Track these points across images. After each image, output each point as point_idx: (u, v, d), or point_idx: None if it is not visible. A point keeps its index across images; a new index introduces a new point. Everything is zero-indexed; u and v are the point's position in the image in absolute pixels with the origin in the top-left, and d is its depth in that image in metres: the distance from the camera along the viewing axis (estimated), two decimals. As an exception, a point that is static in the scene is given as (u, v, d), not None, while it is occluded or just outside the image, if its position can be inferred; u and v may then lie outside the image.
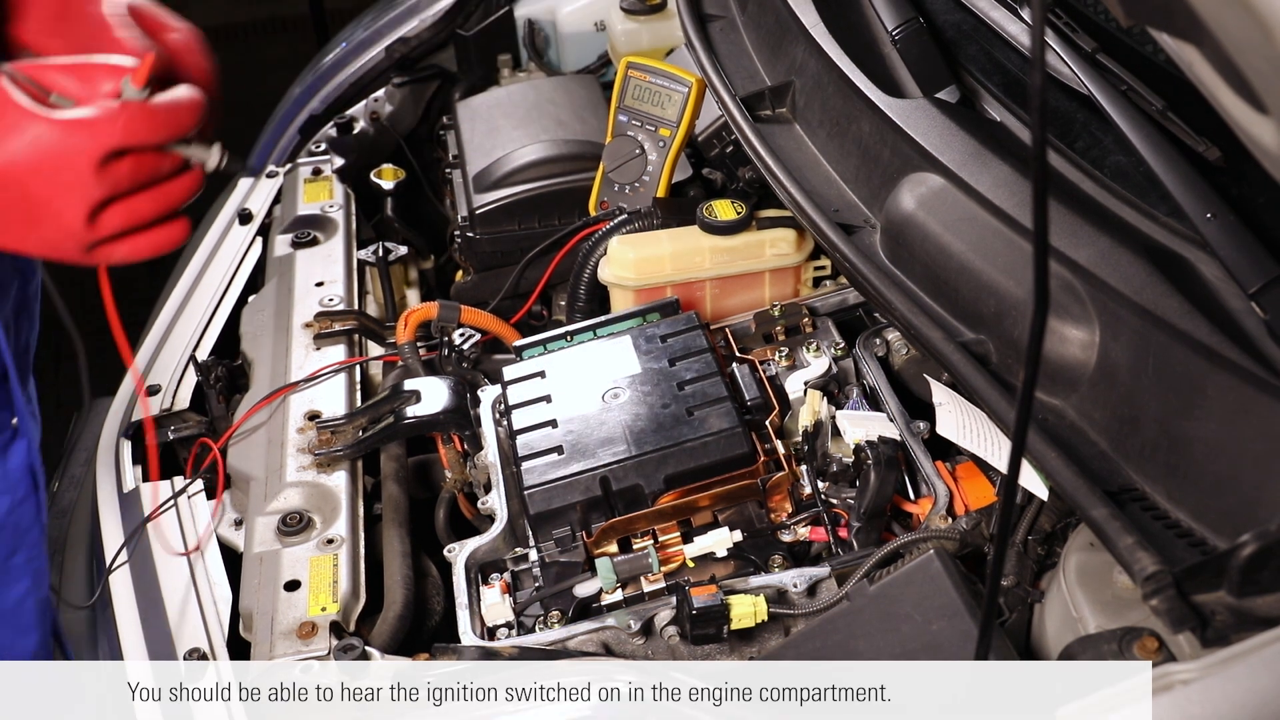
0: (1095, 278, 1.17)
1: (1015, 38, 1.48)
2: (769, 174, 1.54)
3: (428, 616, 1.38)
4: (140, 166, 1.05)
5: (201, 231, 2.04)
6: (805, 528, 1.37)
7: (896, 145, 1.44)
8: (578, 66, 2.40)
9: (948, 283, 1.33)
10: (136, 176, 1.05)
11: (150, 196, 1.07)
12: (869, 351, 1.55)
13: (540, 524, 1.34)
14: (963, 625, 1.12)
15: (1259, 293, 1.06)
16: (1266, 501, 1.01)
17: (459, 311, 1.69)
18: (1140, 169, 1.23)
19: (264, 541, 1.40)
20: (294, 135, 2.25)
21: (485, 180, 1.91)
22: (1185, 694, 0.83)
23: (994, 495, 1.33)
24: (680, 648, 1.25)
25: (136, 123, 1.02)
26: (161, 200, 1.08)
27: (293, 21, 4.88)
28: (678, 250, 1.67)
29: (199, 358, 1.73)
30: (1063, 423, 1.20)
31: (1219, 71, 0.86)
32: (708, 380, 1.43)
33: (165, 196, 1.08)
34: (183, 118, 1.05)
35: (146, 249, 1.10)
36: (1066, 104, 1.37)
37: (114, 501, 1.53)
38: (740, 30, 1.86)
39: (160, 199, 1.08)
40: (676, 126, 1.78)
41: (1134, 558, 0.99)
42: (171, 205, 1.09)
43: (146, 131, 1.03)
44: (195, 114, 1.06)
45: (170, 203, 1.09)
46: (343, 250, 1.91)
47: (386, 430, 1.53)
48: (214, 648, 1.30)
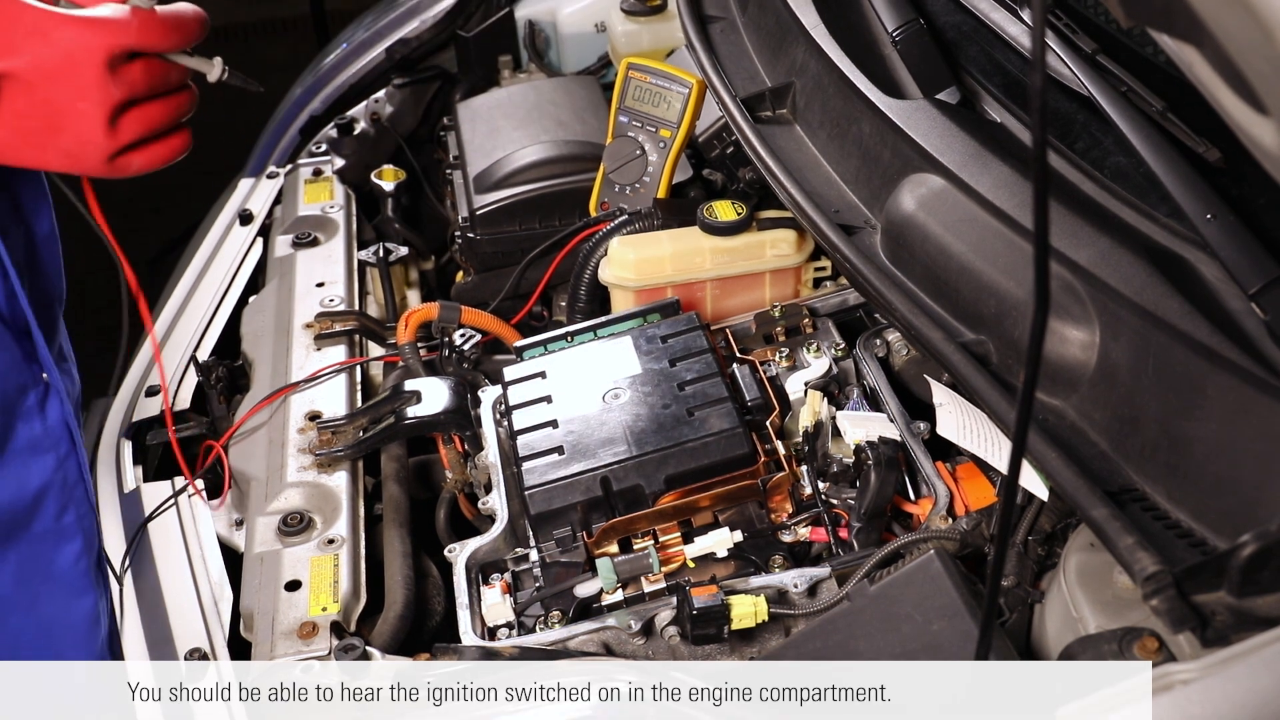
0: (1095, 278, 1.17)
1: (1016, 39, 1.48)
2: (769, 175, 1.54)
3: (428, 617, 1.38)
4: (152, 71, 1.11)
5: (202, 232, 2.05)
6: (806, 528, 1.37)
7: (897, 146, 1.44)
8: (578, 67, 2.40)
9: (948, 283, 1.33)
10: (151, 81, 1.11)
11: (163, 104, 1.14)
12: (869, 352, 1.55)
13: (541, 524, 1.34)
14: (963, 625, 1.12)
15: (1259, 293, 1.06)
16: (1266, 502, 1.01)
17: (459, 312, 1.69)
18: (1140, 170, 1.23)
19: (265, 541, 1.40)
20: (295, 136, 2.26)
21: (486, 181, 1.91)
22: (1185, 694, 0.83)
23: (994, 496, 1.33)
24: (681, 648, 1.25)
25: (149, 26, 1.09)
26: (173, 108, 1.15)
27: (293, 22, 4.88)
28: (678, 251, 1.67)
29: (200, 358, 1.73)
30: (1063, 423, 1.20)
31: (1219, 72, 0.86)
32: (708, 381, 1.43)
33: (176, 104, 1.15)
34: (189, 26, 1.12)
35: (162, 156, 1.16)
36: (1067, 105, 1.37)
37: (115, 502, 1.53)
38: (741, 31, 1.86)
39: (171, 107, 1.15)
40: (677, 127, 1.78)
41: (1134, 558, 0.99)
42: (180, 114, 1.16)
43: (158, 35, 1.09)
44: (199, 25, 1.13)
45: (179, 111, 1.16)
46: (343, 251, 1.91)
47: (387, 431, 1.53)
48: (215, 648, 1.30)
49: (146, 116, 1.12)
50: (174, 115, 1.15)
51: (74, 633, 1.30)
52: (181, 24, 1.11)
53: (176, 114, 1.15)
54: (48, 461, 1.25)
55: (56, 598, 1.29)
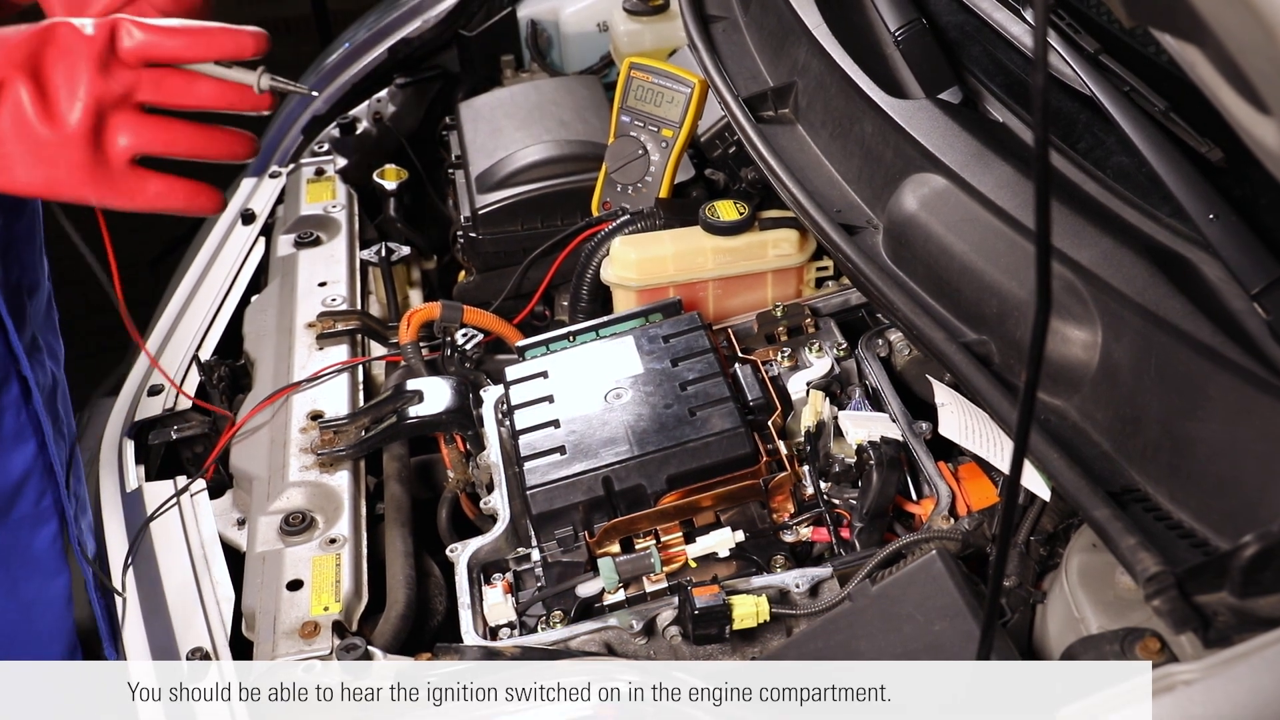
0: (1097, 278, 1.16)
1: (1018, 39, 1.48)
2: (771, 175, 1.54)
3: (430, 616, 1.38)
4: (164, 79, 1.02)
5: (204, 232, 2.05)
6: (807, 528, 1.37)
7: (899, 146, 1.44)
8: (580, 67, 2.40)
9: (950, 283, 1.33)
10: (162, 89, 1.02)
11: (182, 126, 1.05)
12: (871, 352, 1.55)
13: (543, 524, 1.34)
14: (965, 626, 1.12)
15: (1261, 293, 1.06)
16: (1269, 502, 1.01)
17: (462, 311, 1.69)
18: (1143, 170, 1.23)
19: (266, 541, 1.40)
20: (297, 135, 2.26)
21: (488, 181, 1.91)
22: (1187, 694, 0.83)
23: (996, 496, 1.33)
24: (682, 648, 1.25)
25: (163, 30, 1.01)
26: (195, 134, 1.05)
27: (295, 22, 4.88)
28: (680, 251, 1.67)
29: (202, 358, 1.73)
30: (1065, 423, 1.20)
31: (1221, 72, 0.86)
32: (710, 380, 1.43)
33: (199, 131, 1.06)
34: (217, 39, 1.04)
35: (183, 193, 1.06)
36: (1069, 105, 1.37)
37: (117, 501, 1.53)
38: (743, 31, 1.86)
39: (192, 132, 1.05)
40: (679, 127, 1.78)
41: (1136, 558, 0.99)
42: (206, 145, 1.06)
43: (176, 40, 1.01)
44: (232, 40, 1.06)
45: (204, 142, 1.06)
46: (345, 250, 1.91)
47: (389, 430, 1.53)
48: (216, 647, 1.30)
49: (154, 129, 1.03)
50: (197, 141, 1.05)
51: (52, 611, 1.31)
52: (208, 36, 1.03)
53: (202, 142, 1.05)
54: (29, 449, 1.26)
55: (34, 579, 1.30)
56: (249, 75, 1.07)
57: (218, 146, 1.07)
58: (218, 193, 1.10)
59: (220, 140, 1.07)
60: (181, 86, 1.04)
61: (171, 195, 1.06)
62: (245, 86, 1.08)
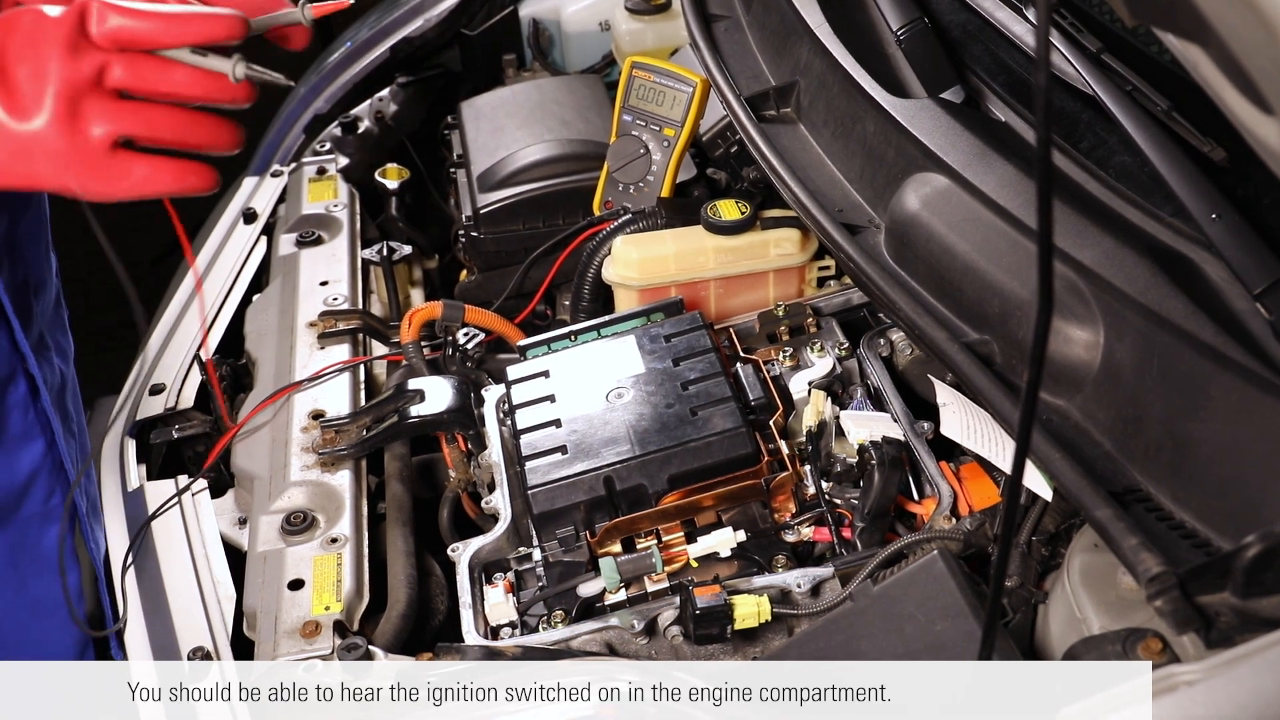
0: (1099, 278, 1.16)
1: (1020, 38, 1.48)
2: (773, 174, 1.54)
3: (431, 616, 1.38)
4: (139, 65, 0.98)
5: (206, 231, 2.04)
6: (809, 528, 1.37)
7: (901, 145, 1.43)
8: (582, 66, 2.40)
9: (952, 283, 1.33)
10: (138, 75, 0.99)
11: (161, 110, 1.01)
12: (873, 352, 1.55)
13: (544, 524, 1.34)
14: (966, 626, 1.12)
15: (1264, 293, 1.05)
16: (1271, 503, 1.01)
17: (463, 311, 1.69)
18: (1145, 169, 1.22)
19: (268, 540, 1.40)
20: (299, 135, 2.25)
21: (490, 180, 1.91)
22: (1189, 695, 0.83)
23: (998, 496, 1.33)
24: (684, 648, 1.25)
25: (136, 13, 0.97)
26: (176, 118, 1.01)
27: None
28: (682, 250, 1.67)
29: (203, 357, 1.73)
30: (1067, 423, 1.20)
31: (1224, 72, 0.86)
32: (712, 380, 1.42)
33: (180, 115, 1.02)
34: (194, 24, 1.00)
35: (170, 173, 1.02)
36: (1071, 104, 1.37)
37: (119, 500, 1.53)
38: (745, 30, 1.85)
39: (173, 116, 1.01)
40: (681, 126, 1.78)
41: (1138, 559, 0.99)
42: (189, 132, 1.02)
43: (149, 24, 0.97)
44: (206, 24, 1.01)
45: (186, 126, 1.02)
46: (347, 249, 1.91)
47: (390, 429, 1.53)
48: (218, 647, 1.30)
49: (132, 113, 0.99)
50: (177, 127, 1.02)
51: (61, 609, 1.31)
52: (182, 20, 0.99)
53: (182, 128, 1.02)
54: (37, 447, 1.25)
55: (43, 577, 1.29)
56: (224, 63, 1.03)
57: (201, 133, 1.04)
58: (210, 169, 1.05)
59: (204, 126, 1.04)
60: (155, 72, 1.00)
61: (159, 177, 1.03)
62: (221, 75, 1.04)
